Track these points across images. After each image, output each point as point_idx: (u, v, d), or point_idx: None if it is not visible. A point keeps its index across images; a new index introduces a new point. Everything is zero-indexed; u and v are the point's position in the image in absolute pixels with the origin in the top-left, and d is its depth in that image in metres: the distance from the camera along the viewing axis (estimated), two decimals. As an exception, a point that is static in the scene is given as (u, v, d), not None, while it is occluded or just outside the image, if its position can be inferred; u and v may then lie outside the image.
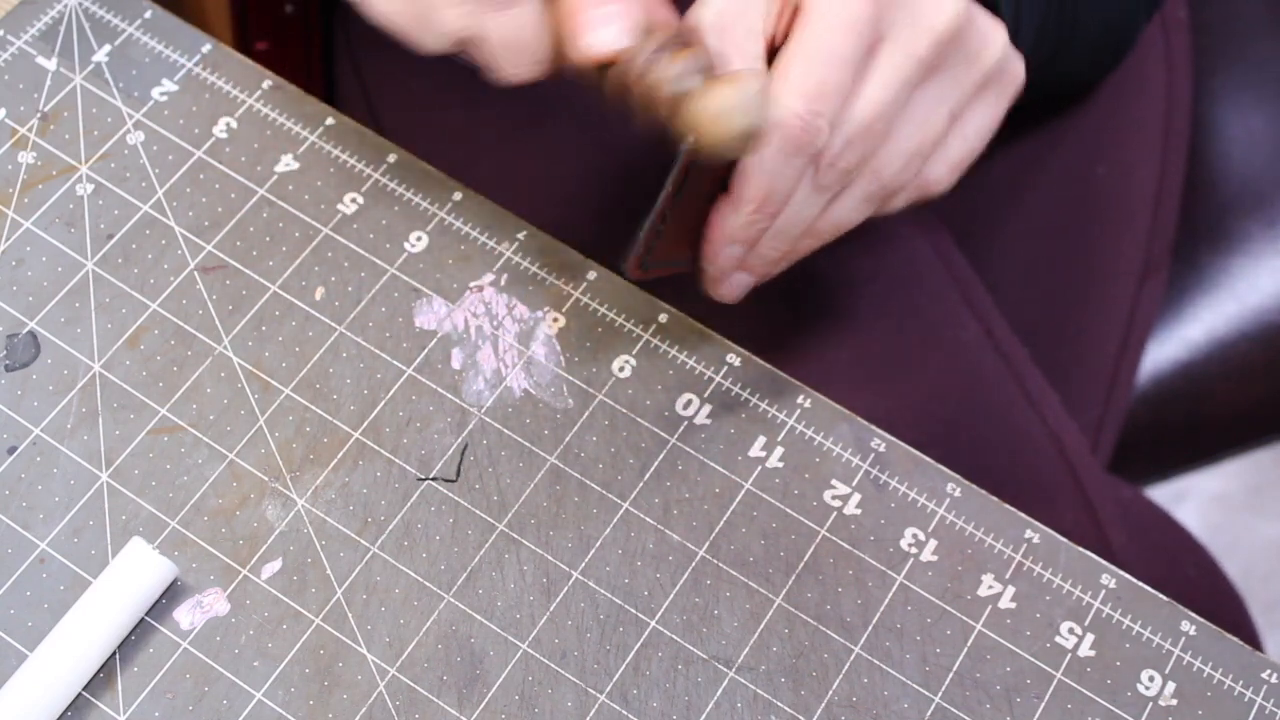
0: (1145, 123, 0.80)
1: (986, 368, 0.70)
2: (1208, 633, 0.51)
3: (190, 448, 0.54)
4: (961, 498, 0.53)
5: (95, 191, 0.58)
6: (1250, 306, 0.85)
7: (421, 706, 0.50)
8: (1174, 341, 0.85)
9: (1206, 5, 0.89)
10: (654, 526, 0.53)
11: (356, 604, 0.51)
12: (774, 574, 0.52)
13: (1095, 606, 0.52)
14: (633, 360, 0.56)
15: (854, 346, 0.69)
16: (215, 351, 0.55)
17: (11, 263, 0.56)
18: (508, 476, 0.53)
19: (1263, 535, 1.38)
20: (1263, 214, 0.86)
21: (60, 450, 0.53)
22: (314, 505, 0.53)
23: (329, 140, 0.59)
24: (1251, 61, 0.89)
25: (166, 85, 0.60)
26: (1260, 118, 0.88)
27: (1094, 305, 0.79)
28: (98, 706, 0.49)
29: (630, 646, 0.51)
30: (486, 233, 0.58)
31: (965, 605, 0.52)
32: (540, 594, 0.51)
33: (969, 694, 0.50)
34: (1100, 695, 0.50)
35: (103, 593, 0.50)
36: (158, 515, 0.52)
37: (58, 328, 0.55)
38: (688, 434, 0.54)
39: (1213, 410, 0.86)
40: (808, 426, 0.55)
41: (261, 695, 0.50)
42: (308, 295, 0.56)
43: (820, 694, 0.50)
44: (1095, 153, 0.78)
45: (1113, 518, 0.69)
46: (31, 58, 0.60)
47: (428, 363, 0.55)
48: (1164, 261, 0.81)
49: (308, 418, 0.54)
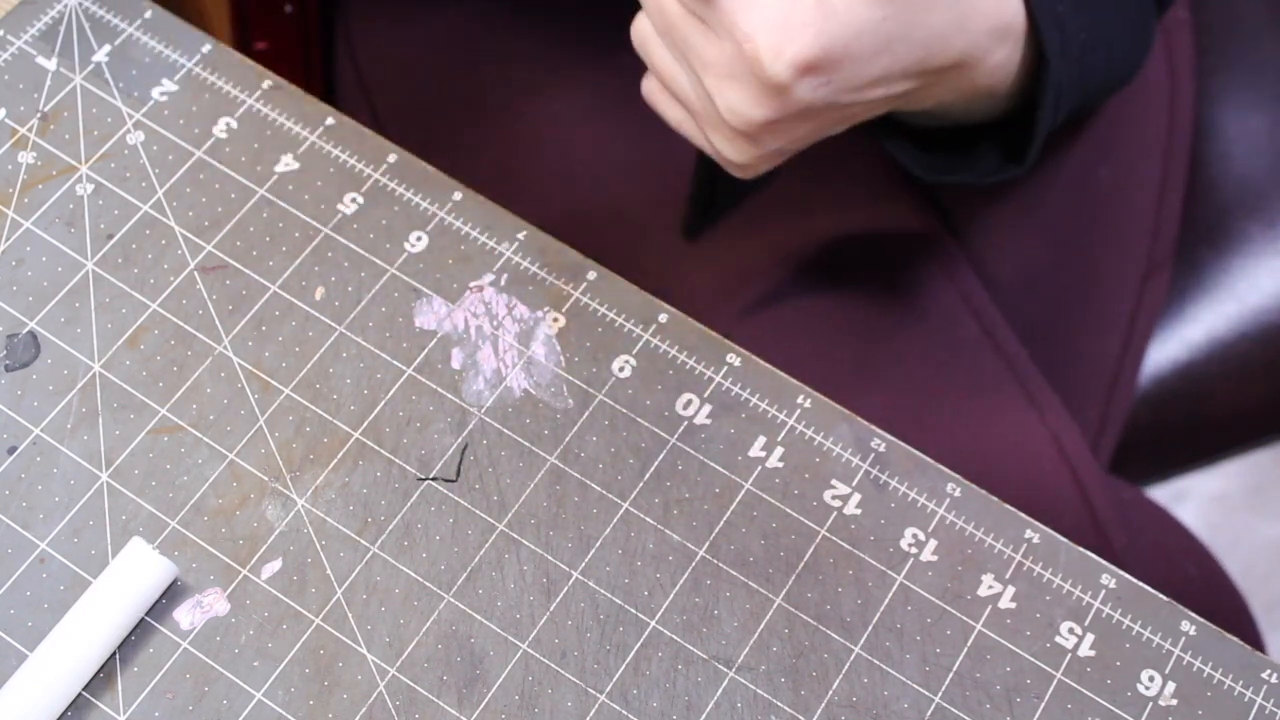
0: (1147, 124, 0.80)
1: (986, 368, 0.70)
2: (1208, 633, 0.51)
3: (190, 448, 0.54)
4: (961, 498, 0.53)
5: (95, 191, 0.58)
6: (1250, 306, 0.85)
7: (421, 706, 0.50)
8: (1174, 341, 0.85)
9: (1207, 6, 0.89)
10: (654, 526, 0.53)
11: (356, 604, 0.51)
12: (774, 574, 0.52)
13: (1095, 606, 0.52)
14: (633, 360, 0.56)
15: (854, 347, 0.70)
16: (215, 351, 0.55)
17: (11, 263, 0.56)
18: (508, 476, 0.53)
19: (1263, 535, 1.38)
20: (1263, 214, 0.86)
21: (60, 450, 0.53)
22: (314, 505, 0.53)
23: (329, 140, 0.59)
24: (1252, 62, 0.89)
25: (166, 85, 0.60)
26: (1260, 118, 0.88)
27: (1095, 305, 0.79)
28: (98, 706, 0.49)
29: (630, 646, 0.51)
30: (486, 233, 0.58)
31: (965, 605, 0.52)
32: (540, 594, 0.51)
33: (969, 694, 0.50)
34: (1100, 695, 0.50)
35: (103, 593, 0.50)
36: (158, 515, 0.52)
37: (58, 328, 0.55)
38: (688, 434, 0.54)
39: (1213, 410, 0.86)
40: (808, 426, 0.55)
41: (261, 695, 0.50)
42: (308, 295, 0.56)
43: (820, 694, 0.50)
44: (1098, 153, 0.78)
45: (1113, 518, 0.69)
46: (31, 58, 0.60)
47: (428, 363, 0.55)
48: (1166, 262, 0.81)
49: (308, 418, 0.54)
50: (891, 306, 0.71)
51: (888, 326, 0.70)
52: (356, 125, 0.59)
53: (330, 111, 0.59)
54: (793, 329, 0.69)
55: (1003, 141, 0.62)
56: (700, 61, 0.52)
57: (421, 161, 0.59)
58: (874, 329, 0.70)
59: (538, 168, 0.75)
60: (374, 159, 0.59)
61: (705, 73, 0.52)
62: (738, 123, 0.52)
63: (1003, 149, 0.62)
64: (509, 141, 0.76)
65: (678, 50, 0.53)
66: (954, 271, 0.72)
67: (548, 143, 0.75)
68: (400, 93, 0.80)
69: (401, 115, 0.79)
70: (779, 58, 0.50)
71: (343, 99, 0.82)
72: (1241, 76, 0.89)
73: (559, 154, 0.75)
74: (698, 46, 0.52)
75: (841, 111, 0.53)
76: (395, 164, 0.59)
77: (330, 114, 0.59)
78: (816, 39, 0.49)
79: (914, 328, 0.71)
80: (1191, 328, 0.85)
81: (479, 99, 0.77)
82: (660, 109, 0.57)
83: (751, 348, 0.56)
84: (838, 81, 0.51)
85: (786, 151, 0.55)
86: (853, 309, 0.70)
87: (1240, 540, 1.38)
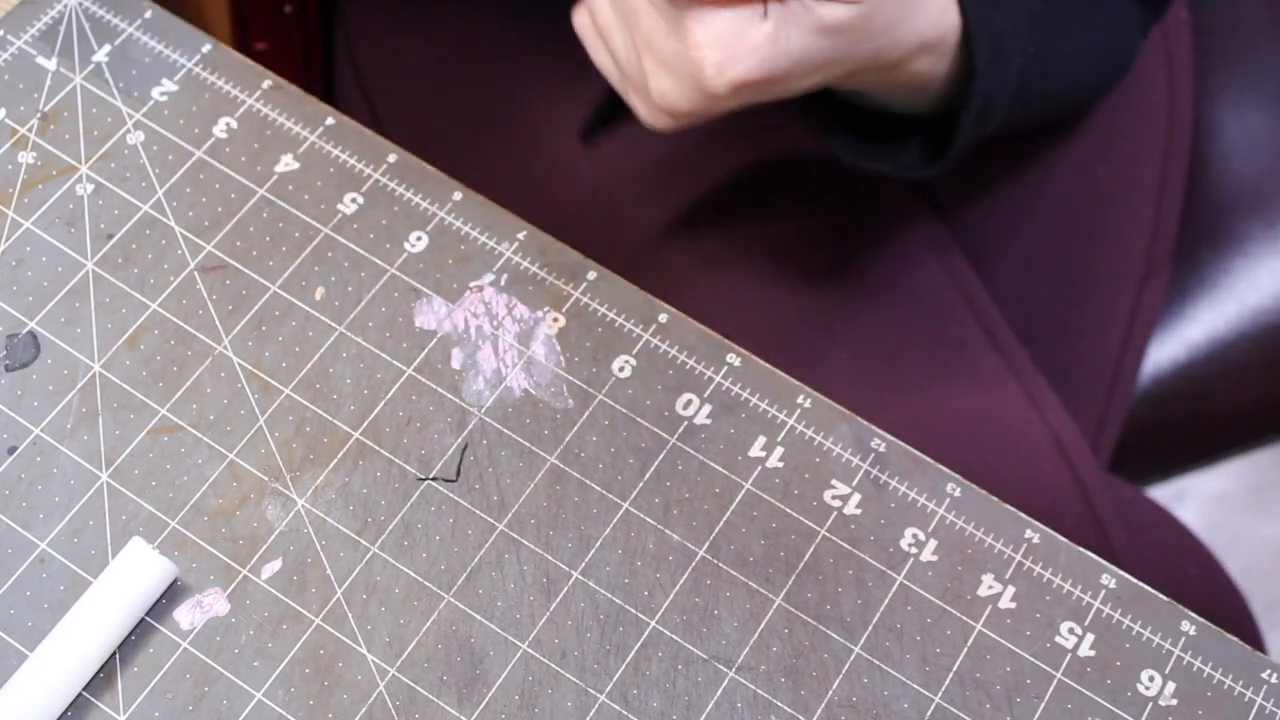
0: (1147, 124, 0.80)
1: (986, 368, 0.70)
2: (1208, 632, 0.51)
3: (190, 448, 0.54)
4: (961, 498, 0.53)
5: (95, 191, 0.58)
6: (1250, 306, 0.85)
7: (421, 706, 0.50)
8: (1174, 341, 0.85)
9: (1207, 6, 0.89)
10: (654, 526, 0.53)
11: (356, 604, 0.51)
12: (774, 574, 0.52)
13: (1095, 606, 0.52)
14: (633, 360, 0.56)
15: (854, 346, 0.70)
16: (215, 351, 0.55)
17: (11, 263, 0.56)
18: (508, 476, 0.53)
19: (1263, 535, 1.38)
20: (1263, 214, 0.86)
21: (60, 450, 0.53)
22: (314, 505, 0.53)
23: (329, 140, 0.59)
24: (1252, 62, 0.89)
25: (166, 85, 0.60)
26: (1261, 118, 0.88)
27: (1095, 305, 0.79)
28: (98, 706, 0.49)
29: (630, 646, 0.51)
30: (486, 233, 0.58)
31: (965, 605, 0.52)
32: (540, 594, 0.51)
33: (969, 694, 0.50)
34: (1100, 695, 0.50)
35: (103, 593, 0.50)
36: (158, 515, 0.52)
37: (58, 328, 0.55)
38: (688, 434, 0.54)
39: (1213, 410, 0.86)
40: (808, 426, 0.55)
41: (261, 695, 0.50)
42: (308, 295, 0.56)
43: (820, 694, 0.50)
44: (1097, 154, 0.78)
45: (1113, 518, 0.69)
46: (31, 58, 0.60)
47: (428, 363, 0.55)
48: (1166, 262, 0.81)
49: (308, 418, 0.54)
50: (892, 307, 0.71)
51: (889, 327, 0.70)
52: (356, 125, 0.59)
53: (330, 111, 0.59)
54: (792, 329, 0.69)
55: (930, 140, 0.62)
56: (644, 40, 0.52)
57: (421, 161, 0.59)
58: (875, 329, 0.70)
59: (538, 169, 0.75)
60: (374, 159, 0.59)
61: (645, 51, 0.53)
62: (663, 104, 0.53)
63: (929, 146, 0.62)
64: (509, 143, 0.76)
65: (622, 16, 0.53)
66: (954, 271, 0.72)
67: (547, 144, 0.75)
68: (400, 93, 0.80)
69: (401, 116, 0.79)
70: (721, 75, 0.51)
71: (342, 99, 0.82)
72: (1241, 76, 0.89)
73: (559, 155, 0.75)
74: (645, 26, 0.52)
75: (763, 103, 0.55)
76: (395, 164, 0.59)
77: (330, 114, 0.59)
78: (761, 65, 0.51)
79: (915, 329, 0.71)
80: (1191, 328, 0.85)
81: (479, 100, 0.77)
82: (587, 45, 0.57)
83: (750, 348, 0.56)
84: (769, 92, 0.53)
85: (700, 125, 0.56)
86: (853, 310, 0.70)
87: (1240, 540, 1.38)
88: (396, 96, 0.80)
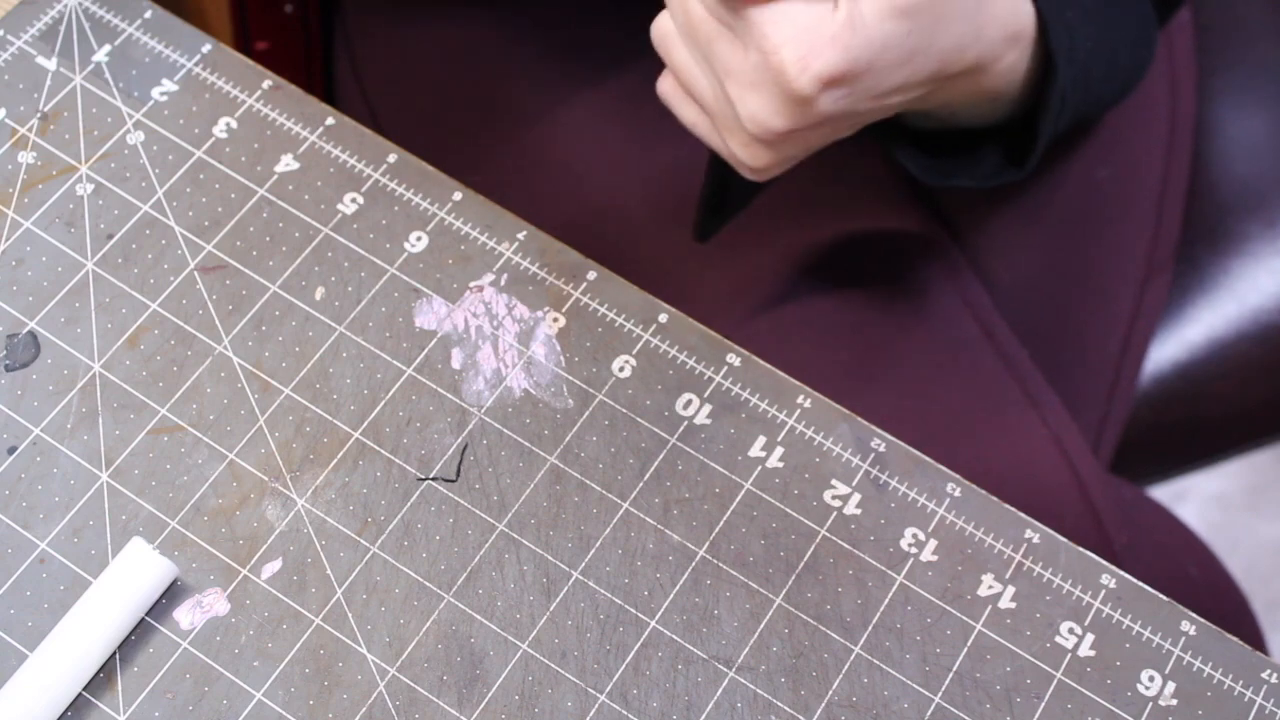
0: (1149, 124, 0.80)
1: (986, 368, 0.70)
2: (1208, 633, 0.51)
3: (190, 448, 0.54)
4: (961, 498, 0.53)
5: (95, 191, 0.58)
6: (1250, 306, 0.85)
7: (421, 706, 0.50)
8: (1174, 342, 0.85)
9: (1208, 6, 0.89)
10: (654, 526, 0.53)
11: (356, 604, 0.51)
12: (774, 574, 0.52)
13: (1095, 606, 0.52)
14: (633, 360, 0.56)
15: (855, 348, 0.69)
16: (215, 351, 0.55)
17: (11, 263, 0.56)
18: (508, 476, 0.53)
19: (1263, 535, 1.38)
20: (1263, 214, 0.86)
21: (60, 450, 0.53)
22: (314, 505, 0.53)
23: (329, 140, 0.59)
24: (1252, 62, 0.89)
25: (166, 85, 0.60)
26: (1261, 119, 0.88)
27: (1096, 306, 0.79)
28: (98, 706, 0.49)
29: (630, 646, 0.51)
30: (486, 233, 0.58)
31: (965, 605, 0.52)
32: (540, 594, 0.51)
33: (969, 694, 0.50)
34: (1100, 695, 0.50)
35: (103, 593, 0.50)
36: (158, 515, 0.52)
37: (58, 328, 0.55)
38: (688, 434, 0.54)
39: (1213, 410, 0.86)
40: (808, 426, 0.55)
41: (261, 695, 0.50)
42: (308, 295, 0.56)
43: (820, 694, 0.50)
44: (1098, 155, 0.78)
45: (1114, 518, 0.69)
46: (31, 58, 0.60)
47: (428, 363, 0.55)
48: (1167, 263, 0.81)
49: (308, 418, 0.54)
50: (893, 307, 0.71)
51: (889, 327, 0.70)
52: (356, 125, 0.59)
53: (330, 111, 0.59)
54: (793, 330, 0.69)
55: (1005, 145, 0.62)
56: (723, 68, 0.52)
57: (421, 161, 0.59)
58: (875, 330, 0.70)
59: (538, 171, 0.75)
60: (374, 159, 0.59)
61: (728, 79, 0.52)
62: (757, 130, 0.52)
63: (1004, 153, 0.62)
64: (509, 144, 0.76)
65: (700, 53, 0.53)
66: (955, 273, 0.72)
67: (549, 146, 0.75)
68: (399, 94, 0.80)
69: (401, 116, 0.79)
70: (805, 71, 0.50)
71: (342, 99, 0.82)
72: (1242, 77, 0.89)
73: (560, 158, 0.75)
74: (722, 52, 0.52)
75: (858, 118, 0.53)
76: (395, 164, 0.59)
77: (330, 114, 0.59)
78: (844, 55, 0.50)
79: (915, 329, 0.71)
80: (1191, 328, 0.85)
81: (479, 101, 0.77)
82: (676, 109, 0.57)
83: (753, 348, 0.56)
84: (859, 92, 0.51)
85: (800, 156, 0.55)
86: (854, 310, 0.70)
87: (1240, 540, 1.38)
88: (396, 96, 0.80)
